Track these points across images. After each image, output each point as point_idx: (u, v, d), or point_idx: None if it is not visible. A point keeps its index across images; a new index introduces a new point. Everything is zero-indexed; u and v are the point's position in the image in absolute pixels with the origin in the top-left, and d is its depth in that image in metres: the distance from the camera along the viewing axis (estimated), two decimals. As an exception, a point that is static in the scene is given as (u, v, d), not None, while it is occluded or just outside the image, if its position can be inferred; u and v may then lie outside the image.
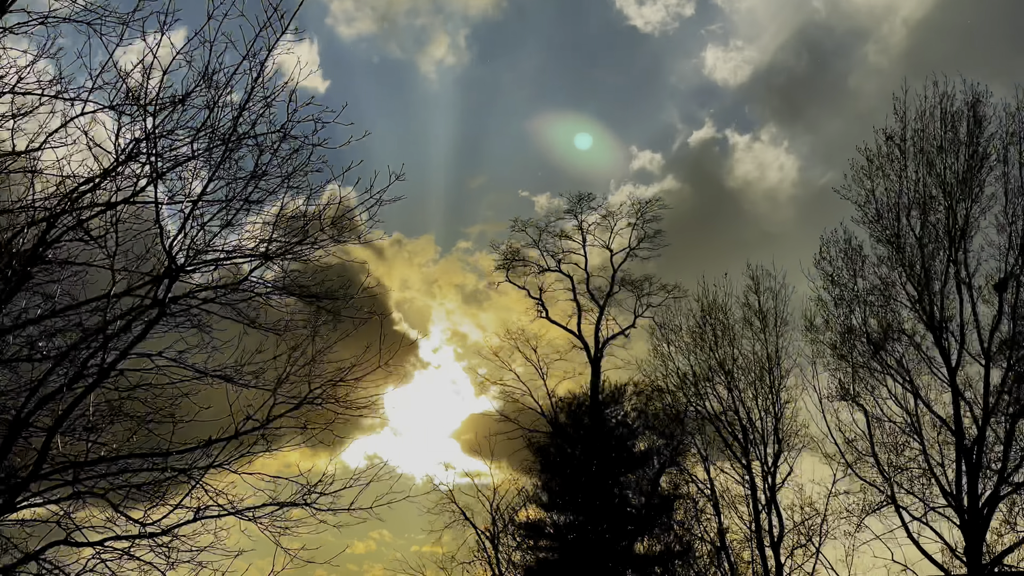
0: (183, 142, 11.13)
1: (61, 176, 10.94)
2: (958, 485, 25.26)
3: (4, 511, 11.15)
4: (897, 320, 26.79)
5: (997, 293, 25.35)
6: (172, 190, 11.50)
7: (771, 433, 30.20)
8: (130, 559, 11.64)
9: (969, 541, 24.85)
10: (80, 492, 11.62)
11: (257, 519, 12.11)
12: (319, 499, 12.22)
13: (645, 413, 32.41)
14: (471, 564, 31.50)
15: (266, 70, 11.09)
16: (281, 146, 11.53)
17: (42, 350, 11.70)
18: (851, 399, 27.43)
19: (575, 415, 32.52)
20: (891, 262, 26.64)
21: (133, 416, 12.06)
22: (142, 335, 11.63)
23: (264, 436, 12.27)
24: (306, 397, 12.39)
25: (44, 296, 11.62)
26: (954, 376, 25.63)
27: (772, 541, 29.65)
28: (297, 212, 11.87)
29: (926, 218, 26.02)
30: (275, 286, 12.12)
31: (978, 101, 25.86)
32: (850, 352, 27.45)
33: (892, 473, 26.82)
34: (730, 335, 31.48)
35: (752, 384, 30.83)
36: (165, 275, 11.52)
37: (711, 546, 30.99)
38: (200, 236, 11.61)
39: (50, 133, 10.65)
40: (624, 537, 30.75)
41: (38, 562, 11.44)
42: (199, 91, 10.90)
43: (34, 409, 11.19)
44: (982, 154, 25.63)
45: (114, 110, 10.66)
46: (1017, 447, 25.30)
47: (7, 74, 10.28)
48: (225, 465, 12.07)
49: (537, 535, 31.54)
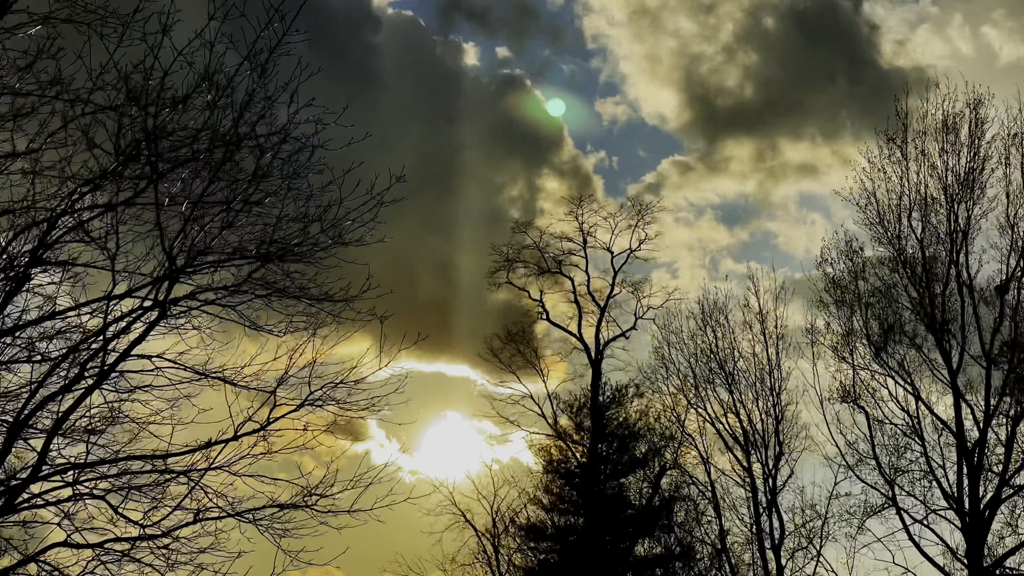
0: (184, 143, 11.12)
1: (61, 177, 10.91)
2: (959, 487, 25.25)
3: (4, 512, 11.12)
4: (898, 322, 26.79)
5: (999, 295, 25.36)
6: (172, 191, 11.49)
7: (772, 435, 30.19)
8: (130, 561, 11.62)
9: (970, 544, 24.84)
10: (80, 494, 11.59)
11: (257, 521, 12.08)
12: (319, 501, 12.21)
13: (646, 415, 32.41)
14: (471, 566, 31.50)
15: (267, 71, 11.09)
16: (282, 147, 11.53)
17: (42, 351, 11.68)
18: (852, 401, 27.44)
19: (576, 417, 32.52)
20: (892, 264, 26.66)
21: (133, 418, 12.05)
22: (142, 337, 11.61)
23: (264, 438, 12.25)
24: (307, 399, 12.37)
25: (44, 297, 11.60)
26: (955, 378, 25.63)
27: (773, 543, 29.63)
28: (298, 214, 11.86)
29: (927, 220, 26.04)
30: (276, 288, 12.09)
31: (980, 102, 25.89)
32: (851, 354, 27.46)
33: (893, 475, 26.83)
34: (730, 337, 31.51)
35: (753, 386, 30.85)
36: (165, 277, 11.50)
37: (712, 548, 30.96)
38: (200, 237, 11.60)
39: (50, 133, 10.62)
40: (625, 539, 30.73)
41: (38, 564, 11.42)
42: (200, 92, 10.90)
43: (34, 411, 11.18)
44: (984, 156, 25.65)
45: (114, 110, 10.63)
46: (1018, 449, 25.32)
47: (7, 74, 10.26)
48: (225, 467, 12.05)
49: (538, 537, 31.52)
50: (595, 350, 33.48)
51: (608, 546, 30.23)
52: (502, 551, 31.67)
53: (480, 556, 31.52)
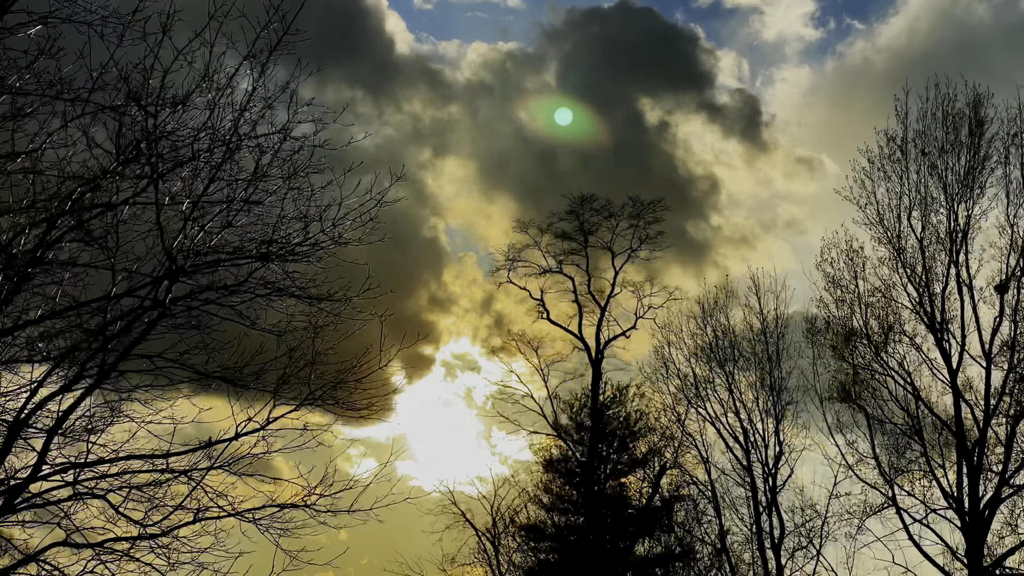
0: (184, 143, 11.12)
1: (61, 176, 10.91)
2: (959, 487, 25.24)
3: (4, 512, 11.13)
4: (898, 322, 26.79)
5: (998, 295, 25.34)
6: (173, 191, 11.49)
7: (772, 435, 30.21)
8: (130, 560, 11.64)
9: (970, 543, 24.83)
10: (80, 493, 11.61)
11: (257, 520, 12.09)
12: (319, 501, 12.21)
13: (646, 415, 32.40)
14: (471, 565, 31.50)
15: (267, 71, 11.10)
16: (282, 147, 11.54)
17: (42, 351, 11.67)
18: (852, 401, 27.41)
19: (576, 416, 32.51)
20: (892, 264, 26.65)
21: (133, 418, 12.05)
22: (142, 336, 11.62)
23: (264, 438, 12.26)
24: (307, 398, 12.37)
25: (44, 297, 11.59)
26: (955, 378, 25.62)
27: (773, 543, 29.63)
28: (298, 213, 11.86)
29: (927, 219, 26.02)
30: (276, 287, 12.10)
31: (979, 102, 25.87)
32: (851, 354, 27.44)
33: (893, 475, 26.82)
34: (731, 336, 31.51)
35: (753, 385, 30.85)
36: (166, 276, 11.51)
37: (712, 548, 30.97)
38: (201, 237, 11.61)
39: (50, 133, 10.62)
40: (625, 539, 30.73)
41: (38, 563, 11.43)
42: (200, 92, 10.91)
43: (34, 410, 11.18)
44: (983, 155, 25.64)
45: (114, 110, 10.64)
46: (1018, 449, 25.29)
47: (7, 74, 10.26)
48: (225, 466, 12.05)
49: (538, 536, 31.51)
50: (595, 350, 33.48)
51: (608, 545, 30.23)
52: (502, 551, 31.68)
53: (480, 556, 31.56)
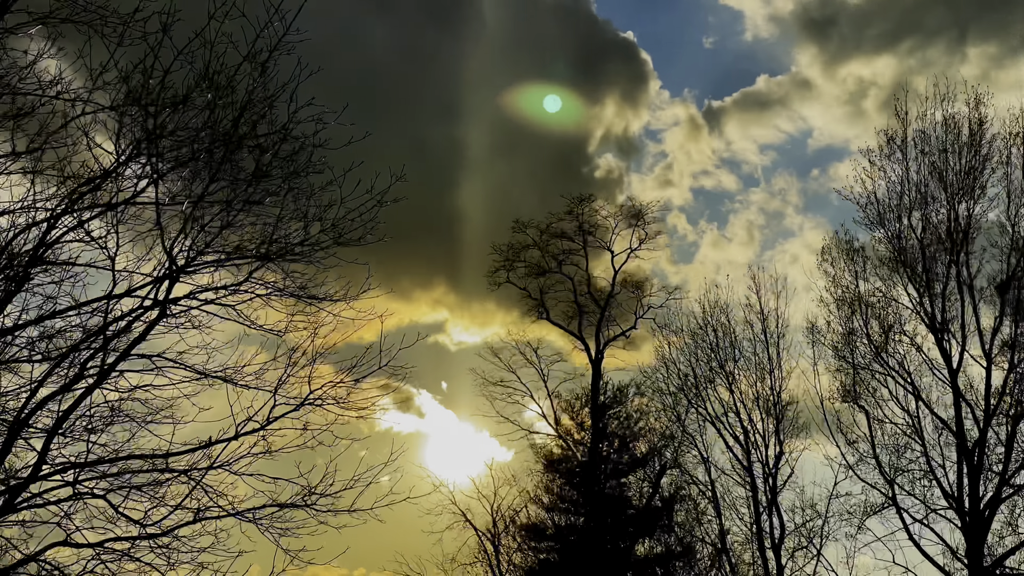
0: (184, 143, 11.12)
1: (61, 176, 10.92)
2: (959, 487, 25.24)
3: (4, 512, 11.13)
4: (899, 322, 26.80)
5: (999, 295, 25.33)
6: (173, 191, 11.50)
7: (772, 435, 30.18)
8: (130, 560, 11.63)
9: (970, 543, 24.83)
10: (80, 493, 11.60)
11: (257, 520, 12.09)
12: (319, 500, 12.21)
13: (646, 414, 32.39)
14: (471, 565, 31.48)
15: (267, 70, 11.09)
16: (282, 147, 11.53)
17: (42, 351, 11.68)
18: (852, 401, 27.42)
19: (576, 416, 32.51)
20: (893, 264, 26.64)
21: (133, 417, 12.05)
22: (142, 336, 11.62)
23: (264, 437, 12.26)
24: (306, 398, 12.38)
25: (44, 297, 11.60)
26: (955, 378, 25.62)
27: (773, 543, 29.60)
28: (298, 213, 11.86)
29: (928, 219, 26.01)
30: (276, 287, 12.10)
31: (980, 102, 25.88)
32: (852, 353, 27.45)
33: (893, 475, 26.81)
34: (731, 336, 31.49)
35: (753, 385, 30.83)
36: (166, 276, 11.52)
37: (712, 548, 30.95)
38: (201, 237, 11.61)
39: (50, 133, 10.63)
40: (625, 538, 30.71)
41: (38, 563, 11.43)
42: (200, 91, 10.90)
43: (34, 410, 11.18)
44: (984, 155, 25.64)
45: (114, 110, 10.64)
46: (1018, 449, 25.29)
47: (7, 74, 10.26)
48: (225, 466, 12.05)
49: (538, 536, 31.50)
50: (595, 350, 33.48)
51: (608, 545, 30.22)
52: (502, 550, 31.66)
53: (480, 556, 31.52)
